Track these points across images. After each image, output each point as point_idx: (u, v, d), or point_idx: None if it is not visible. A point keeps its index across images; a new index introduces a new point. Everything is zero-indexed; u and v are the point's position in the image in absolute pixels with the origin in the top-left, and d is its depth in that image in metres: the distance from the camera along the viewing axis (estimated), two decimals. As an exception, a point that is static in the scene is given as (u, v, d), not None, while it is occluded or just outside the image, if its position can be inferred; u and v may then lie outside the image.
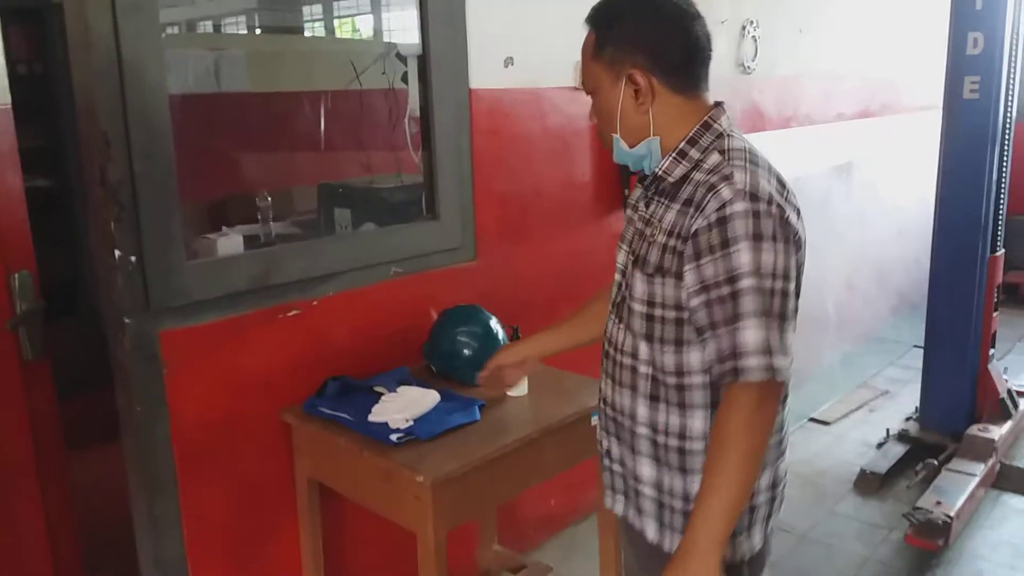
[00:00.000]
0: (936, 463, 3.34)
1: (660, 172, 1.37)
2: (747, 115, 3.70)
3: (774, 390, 1.26)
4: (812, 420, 4.11)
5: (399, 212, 2.65)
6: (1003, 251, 3.62)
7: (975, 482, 3.15)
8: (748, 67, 3.66)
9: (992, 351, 3.67)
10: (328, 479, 2.11)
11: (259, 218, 2.57)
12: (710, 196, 1.26)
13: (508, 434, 1.94)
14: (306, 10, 4.58)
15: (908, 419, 3.84)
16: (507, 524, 2.79)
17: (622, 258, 1.47)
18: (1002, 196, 3.54)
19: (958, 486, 3.11)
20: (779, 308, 1.25)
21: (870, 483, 3.41)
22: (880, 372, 4.77)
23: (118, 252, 1.82)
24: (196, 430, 2.01)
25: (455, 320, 2.27)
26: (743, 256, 1.23)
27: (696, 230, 1.26)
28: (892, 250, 5.23)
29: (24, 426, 1.92)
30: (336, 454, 2.01)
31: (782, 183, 1.34)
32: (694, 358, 1.33)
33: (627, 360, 1.42)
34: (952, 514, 2.88)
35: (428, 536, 1.78)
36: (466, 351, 2.20)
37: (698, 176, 1.32)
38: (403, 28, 3.25)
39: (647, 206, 1.41)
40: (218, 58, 3.13)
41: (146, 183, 1.83)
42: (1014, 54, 3.41)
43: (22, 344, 1.89)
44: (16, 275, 1.86)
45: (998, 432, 3.44)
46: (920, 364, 3.80)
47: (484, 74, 2.56)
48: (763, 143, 1.51)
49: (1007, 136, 3.48)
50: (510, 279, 2.68)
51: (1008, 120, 3.46)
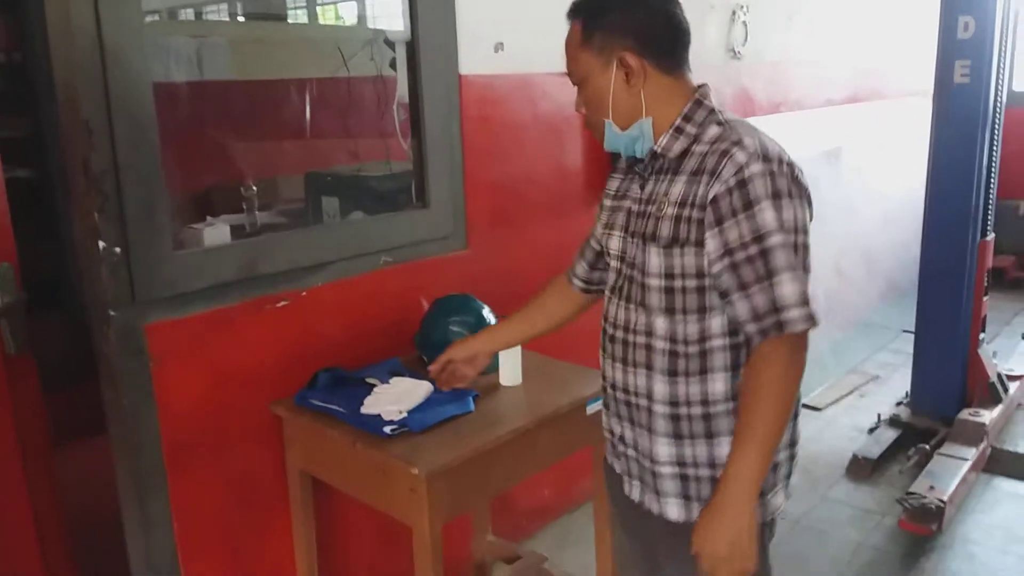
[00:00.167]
0: (928, 448, 3.35)
1: (659, 149, 1.40)
2: (737, 100, 3.68)
3: (805, 341, 1.32)
4: (803, 406, 4.09)
5: (388, 200, 2.61)
6: (993, 236, 3.62)
7: (967, 466, 3.16)
8: (738, 52, 3.63)
9: (982, 335, 3.68)
10: (321, 472, 2.08)
11: (244, 208, 2.53)
12: (725, 161, 1.30)
13: (503, 425, 1.92)
14: (289, -3, 4.51)
15: (899, 404, 3.85)
16: (501, 514, 2.78)
17: (616, 243, 1.49)
18: (992, 181, 3.54)
19: (950, 471, 3.12)
20: (803, 261, 1.31)
21: (862, 468, 3.41)
22: (870, 357, 4.78)
23: (102, 243, 1.78)
24: (185, 424, 1.97)
25: (447, 309, 2.25)
26: (767, 215, 1.28)
27: (715, 196, 1.30)
28: (881, 236, 5.24)
29: (8, 421, 1.89)
30: (328, 447, 1.99)
31: (781, 148, 1.39)
32: (715, 323, 1.36)
33: (640, 339, 1.42)
34: (945, 499, 2.89)
35: (424, 529, 1.76)
36: (458, 341, 2.16)
37: (700, 148, 1.36)
38: (387, 15, 3.20)
39: (642, 188, 1.45)
40: (201, 46, 3.07)
41: (130, 172, 1.80)
42: (1005, 38, 3.40)
43: (4, 338, 1.85)
44: (-4, 268, 1.83)
45: (989, 416, 3.45)
46: (909, 349, 3.81)
47: (474, 60, 2.52)
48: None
49: (997, 121, 3.47)
50: (502, 268, 2.65)
51: (999, 104, 3.45)
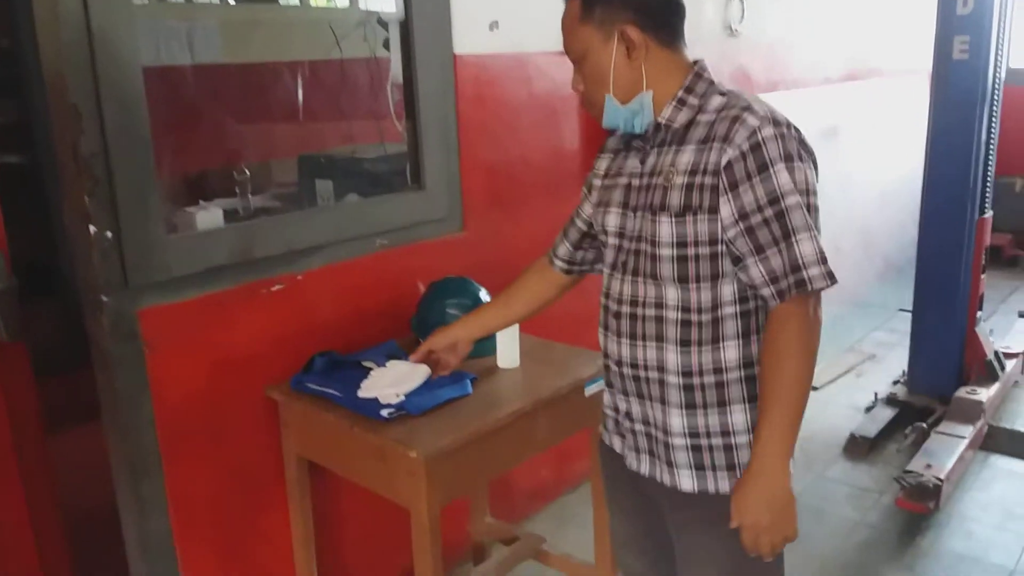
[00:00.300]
0: (925, 426, 3.35)
1: (663, 121, 1.40)
2: (734, 78, 3.65)
3: (819, 299, 1.35)
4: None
5: (383, 183, 2.58)
6: (991, 213, 3.61)
7: (964, 444, 3.16)
8: (735, 30, 3.60)
9: (979, 313, 3.67)
10: (318, 456, 2.07)
11: (238, 192, 2.50)
12: (737, 127, 1.31)
13: (501, 407, 1.91)
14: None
15: (896, 383, 3.86)
16: (499, 496, 2.77)
17: (614, 220, 1.48)
18: (991, 158, 3.52)
19: (947, 449, 3.12)
20: (816, 222, 1.33)
21: (859, 447, 3.42)
22: (867, 336, 4.78)
23: (93, 228, 1.76)
24: (180, 409, 1.96)
25: (443, 292, 2.23)
26: (782, 176, 1.30)
27: (728, 161, 1.31)
28: (878, 214, 5.21)
29: (0, 408, 1.87)
30: (325, 431, 1.97)
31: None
32: (727, 291, 1.37)
33: (650, 312, 1.42)
34: (942, 477, 2.89)
35: (422, 513, 1.75)
36: (456, 324, 2.15)
37: (705, 117, 1.37)
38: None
39: (643, 162, 1.44)
40: (191, 29, 3.03)
41: (121, 156, 1.77)
42: (1004, 14, 3.37)
43: (-4, 325, 1.83)
44: (-13, 254, 1.80)
45: (986, 394, 3.45)
46: (906, 328, 3.81)
47: (468, 39, 2.49)
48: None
49: (996, 97, 3.45)
50: (498, 250, 2.63)
51: (997, 81, 3.43)
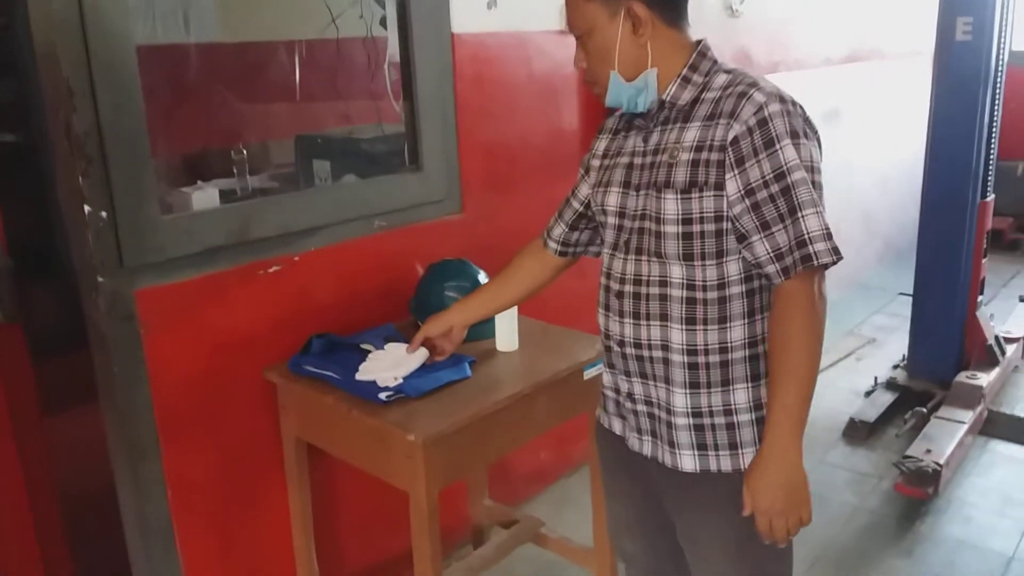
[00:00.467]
0: (925, 411, 3.34)
1: (668, 98, 1.40)
2: (735, 59, 3.61)
3: (823, 277, 1.33)
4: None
5: (381, 163, 2.56)
6: (993, 197, 3.58)
7: (964, 429, 3.16)
8: (736, 10, 3.57)
9: (980, 297, 3.66)
10: (316, 439, 2.06)
11: (235, 172, 2.48)
12: (744, 102, 1.31)
13: (500, 391, 1.90)
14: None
15: (896, 367, 3.84)
16: (498, 478, 2.77)
17: (615, 199, 1.48)
18: (993, 141, 3.49)
19: (947, 434, 3.11)
20: (821, 199, 1.32)
21: (859, 432, 3.41)
22: (867, 320, 4.77)
23: (88, 207, 1.74)
24: (177, 391, 1.95)
25: (442, 275, 2.21)
26: (788, 152, 1.29)
27: (735, 136, 1.31)
28: (879, 197, 5.20)
29: (-4, 390, 1.85)
30: (323, 413, 1.96)
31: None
32: (732, 268, 1.37)
33: (655, 290, 1.41)
34: (942, 462, 2.89)
35: (420, 496, 1.75)
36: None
37: (710, 95, 1.37)
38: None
39: (646, 140, 1.44)
40: (187, 6, 2.99)
41: (114, 135, 1.75)
42: (1008, -6, 3.34)
43: (-10, 305, 1.81)
44: (-20, 233, 1.78)
45: (986, 379, 3.44)
46: (907, 312, 3.79)
47: (466, 17, 2.46)
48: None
49: (999, 79, 3.42)
50: (497, 231, 2.60)
51: (1000, 62, 3.40)
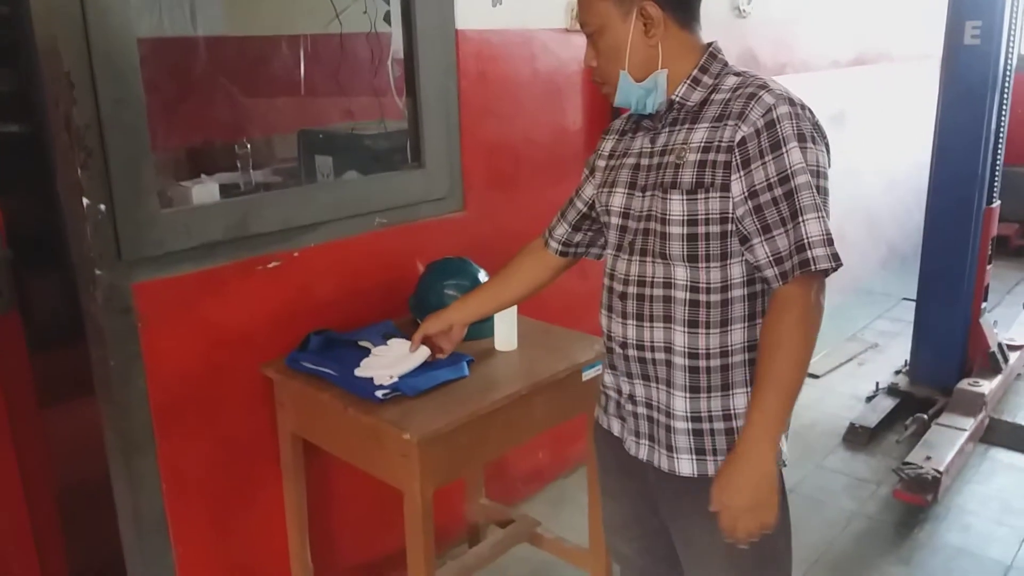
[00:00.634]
0: (926, 417, 3.33)
1: (677, 99, 1.40)
2: (741, 60, 3.58)
3: (824, 284, 1.33)
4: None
5: (383, 160, 2.56)
6: (999, 202, 3.56)
7: (964, 437, 3.13)
8: (743, 11, 3.55)
9: (984, 304, 3.64)
10: (312, 435, 2.06)
11: (238, 166, 2.48)
12: (752, 104, 1.31)
13: (497, 390, 1.89)
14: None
15: (898, 372, 3.83)
16: (495, 477, 2.76)
17: (619, 200, 1.48)
18: (1000, 146, 3.47)
19: (948, 441, 3.10)
20: (825, 205, 1.31)
21: (859, 437, 3.40)
22: (869, 325, 4.75)
23: (86, 200, 1.73)
24: (174, 385, 1.94)
25: (442, 273, 2.20)
26: (794, 155, 1.29)
27: (743, 137, 1.31)
28: (884, 202, 5.17)
29: (-7, 381, 1.85)
30: (320, 410, 1.95)
31: None
32: (736, 271, 1.37)
33: (658, 292, 1.41)
34: (941, 469, 2.87)
35: (415, 495, 1.74)
36: (454, 305, 2.12)
37: (720, 96, 1.37)
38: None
39: (653, 141, 1.44)
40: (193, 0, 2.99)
41: (115, 127, 1.74)
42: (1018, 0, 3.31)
43: (-12, 296, 1.81)
44: (-21, 223, 1.78)
45: (988, 386, 3.42)
46: (910, 317, 3.78)
47: (471, 14, 2.45)
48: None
49: (1007, 84, 3.39)
50: (499, 230, 2.59)
51: (1008, 68, 3.37)
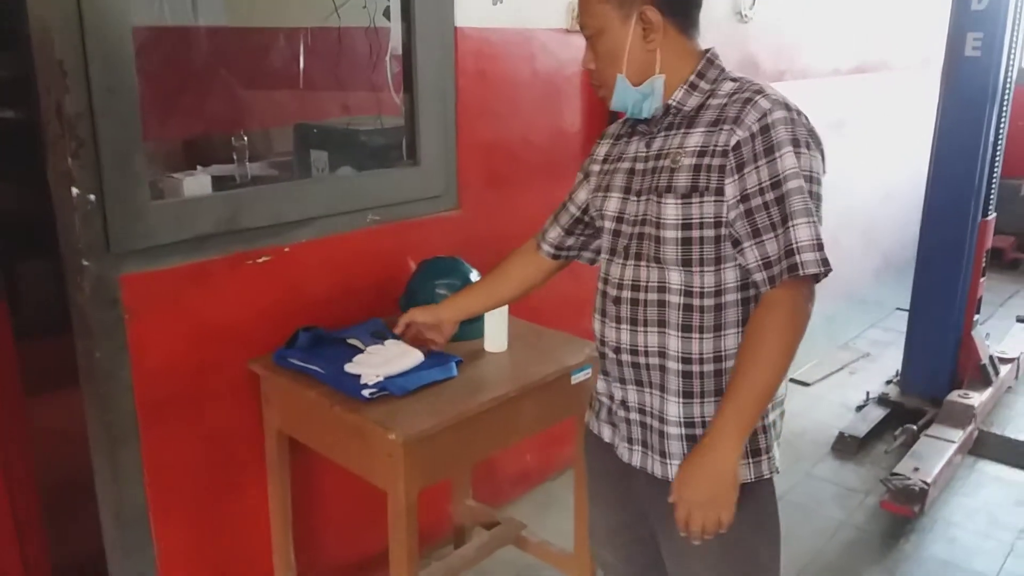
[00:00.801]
0: (915, 428, 3.33)
1: (674, 103, 1.41)
2: (742, 66, 3.58)
3: (813, 292, 1.33)
4: (791, 380, 4.05)
5: (378, 156, 2.54)
6: (994, 215, 3.56)
7: (953, 449, 3.14)
8: (745, 16, 3.53)
9: (977, 316, 3.64)
10: (298, 433, 2.04)
11: (235, 159, 2.46)
12: (748, 108, 1.32)
13: (485, 392, 1.88)
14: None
15: (889, 383, 3.83)
16: (482, 479, 2.75)
17: (614, 204, 1.48)
18: (997, 159, 3.47)
19: (936, 452, 3.10)
20: (818, 211, 1.31)
21: (848, 446, 3.39)
22: (862, 334, 4.75)
23: (76, 190, 1.72)
24: (159, 378, 1.93)
25: (433, 272, 2.19)
26: (788, 160, 1.29)
27: (738, 142, 1.31)
28: (880, 211, 5.17)
29: (-24, 371, 1.84)
30: (306, 408, 1.94)
31: None
32: (730, 276, 1.37)
33: (652, 296, 1.41)
34: (929, 481, 2.87)
35: (399, 496, 1.73)
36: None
37: (716, 101, 1.38)
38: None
39: (648, 146, 1.44)
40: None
41: (107, 117, 1.73)
42: (1020, 12, 3.30)
43: (-27, 284, 1.79)
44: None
45: (978, 399, 3.42)
46: (902, 327, 3.78)
47: (471, 11, 2.43)
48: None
49: (1007, 97, 3.39)
50: (493, 230, 2.58)
51: (1008, 80, 3.37)
